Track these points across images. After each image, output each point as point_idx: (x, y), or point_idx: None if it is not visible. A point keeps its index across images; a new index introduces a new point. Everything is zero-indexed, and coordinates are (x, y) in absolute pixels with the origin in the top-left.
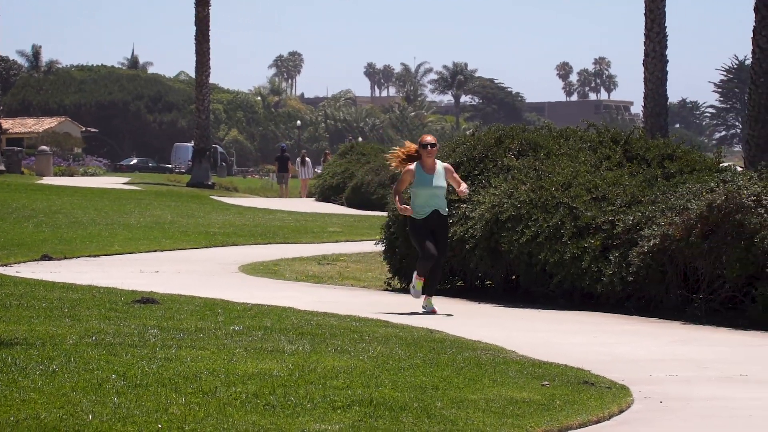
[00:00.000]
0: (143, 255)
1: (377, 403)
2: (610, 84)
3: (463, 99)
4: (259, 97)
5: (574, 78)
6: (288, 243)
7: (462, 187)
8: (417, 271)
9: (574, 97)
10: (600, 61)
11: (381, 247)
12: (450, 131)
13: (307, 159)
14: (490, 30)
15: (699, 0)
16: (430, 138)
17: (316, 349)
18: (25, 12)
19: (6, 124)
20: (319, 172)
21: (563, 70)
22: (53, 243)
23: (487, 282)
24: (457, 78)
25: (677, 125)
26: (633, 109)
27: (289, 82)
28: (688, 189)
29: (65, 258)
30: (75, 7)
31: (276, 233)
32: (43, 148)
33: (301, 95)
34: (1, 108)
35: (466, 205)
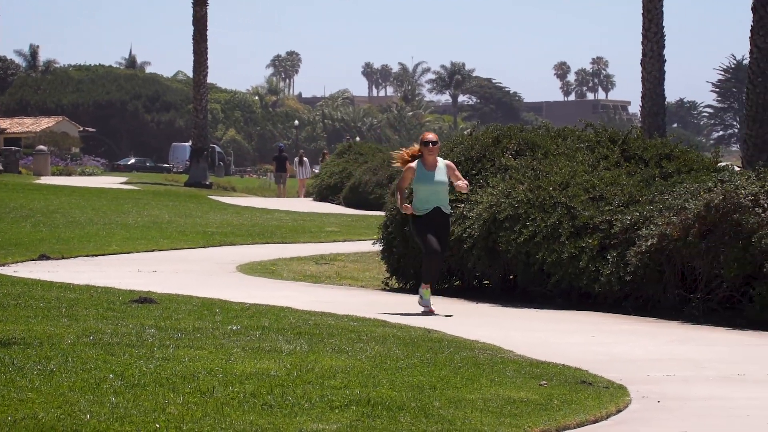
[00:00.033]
0: (141, 255)
1: (375, 402)
2: (607, 84)
3: (461, 99)
4: (256, 97)
5: (571, 78)
6: (286, 243)
7: (459, 181)
8: (423, 280)
9: (572, 97)
10: (598, 61)
11: (379, 247)
12: (447, 131)
13: (305, 159)
14: (487, 30)
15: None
16: (431, 135)
17: (313, 348)
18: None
19: (3, 123)
20: (316, 171)
21: (561, 70)
22: (51, 243)
23: (485, 282)
24: (454, 78)
25: (675, 125)
26: (631, 109)
27: (287, 81)
28: (685, 189)
29: (63, 258)
30: (73, 7)
31: (274, 233)
32: (41, 147)
33: (299, 95)
34: None
35: (463, 205)
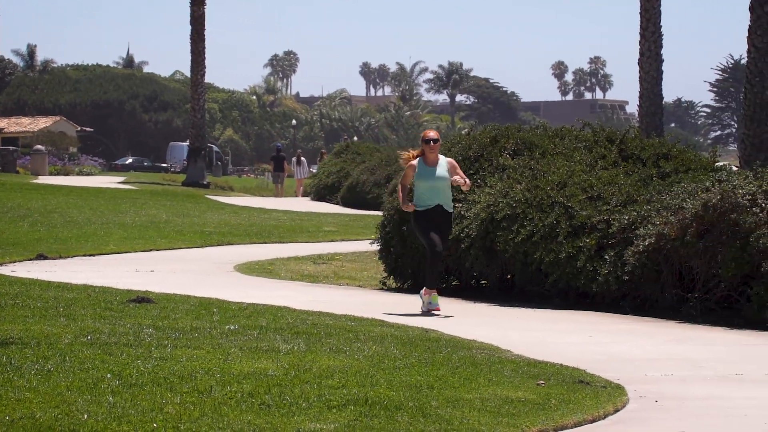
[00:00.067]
0: (138, 254)
1: (372, 402)
2: (605, 83)
3: (459, 98)
4: (254, 97)
5: (569, 77)
6: (283, 242)
7: (456, 176)
8: (427, 285)
9: (570, 97)
10: (595, 61)
11: (376, 247)
12: (445, 131)
13: (302, 158)
14: (485, 29)
15: None
16: (432, 133)
17: (311, 348)
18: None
19: (1, 123)
20: (314, 171)
21: (558, 70)
22: (48, 242)
23: (483, 281)
24: (452, 77)
25: (673, 125)
26: (628, 109)
27: (285, 81)
28: (683, 188)
29: (60, 257)
30: (70, 7)
31: (271, 232)
32: (39, 147)
33: (297, 95)
34: None
35: (461, 205)
